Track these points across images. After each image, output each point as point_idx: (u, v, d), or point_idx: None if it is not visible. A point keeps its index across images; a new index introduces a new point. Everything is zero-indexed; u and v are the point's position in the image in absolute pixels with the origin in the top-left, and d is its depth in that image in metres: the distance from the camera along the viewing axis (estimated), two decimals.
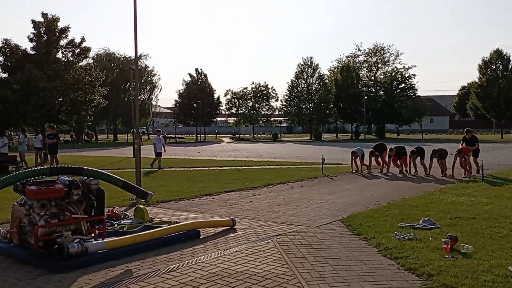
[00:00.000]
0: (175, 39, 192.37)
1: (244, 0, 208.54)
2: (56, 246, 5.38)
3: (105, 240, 5.72)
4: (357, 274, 4.81)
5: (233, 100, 70.85)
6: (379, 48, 65.26)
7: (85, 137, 57.48)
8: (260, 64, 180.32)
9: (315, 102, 64.35)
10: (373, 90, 64.32)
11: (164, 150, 18.95)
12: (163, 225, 6.72)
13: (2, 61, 21.20)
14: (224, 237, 6.58)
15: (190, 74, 66.27)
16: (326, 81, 66.15)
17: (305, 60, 65.81)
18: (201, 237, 6.53)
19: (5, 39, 20.92)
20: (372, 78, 65.36)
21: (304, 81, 65.67)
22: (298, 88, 65.94)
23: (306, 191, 11.28)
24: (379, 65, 66.03)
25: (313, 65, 65.66)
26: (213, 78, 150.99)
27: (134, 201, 9.68)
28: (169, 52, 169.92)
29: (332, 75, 67.78)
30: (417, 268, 4.91)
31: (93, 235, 6.00)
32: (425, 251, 5.55)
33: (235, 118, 73.67)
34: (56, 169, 6.48)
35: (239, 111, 70.85)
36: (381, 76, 65.49)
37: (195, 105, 62.58)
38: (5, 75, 21.61)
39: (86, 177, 6.33)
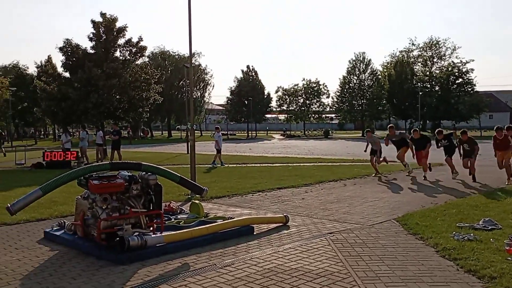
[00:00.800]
0: (228, 35, 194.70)
1: None
2: (117, 239, 5.62)
3: (163, 234, 5.90)
4: (414, 275, 4.68)
5: (284, 97, 70.79)
6: (434, 42, 62.77)
7: (141, 134, 59.47)
8: (309, 60, 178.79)
9: (368, 98, 63.01)
10: (428, 86, 62.06)
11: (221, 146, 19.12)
12: (217, 221, 6.85)
13: (64, 60, 22.29)
14: (278, 233, 6.60)
15: (242, 71, 66.94)
16: (379, 76, 64.54)
17: (357, 55, 64.61)
18: (254, 233, 6.58)
19: (67, 39, 22.05)
20: (427, 73, 63.03)
21: (356, 77, 64.47)
22: (350, 84, 64.84)
23: (359, 189, 11.09)
24: (435, 60, 63.54)
25: (365, 60, 64.34)
26: (263, 75, 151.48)
27: (189, 196, 9.92)
28: (221, 49, 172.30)
29: (385, 70, 66.03)
30: (478, 270, 4.71)
31: (151, 229, 6.22)
32: (486, 252, 5.31)
33: (286, 115, 73.58)
34: (117, 164, 6.77)
35: (290, 108, 70.68)
36: (437, 71, 63.00)
37: (246, 102, 63.12)
38: (67, 74, 22.69)
39: (144, 173, 6.57)
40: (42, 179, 12.52)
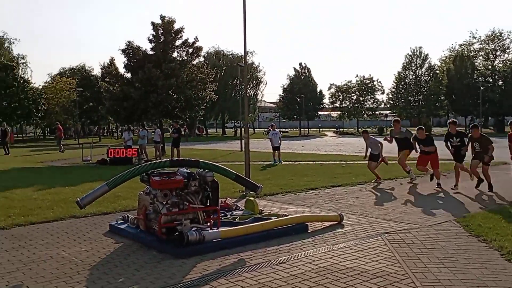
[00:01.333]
0: (280, 33, 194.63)
1: None
2: (177, 233, 5.85)
3: (219, 230, 6.07)
4: (477, 278, 4.52)
5: (336, 93, 69.86)
6: (497, 34, 59.38)
7: (197, 131, 60.89)
8: (363, 55, 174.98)
9: (425, 94, 60.85)
10: (491, 80, 58.80)
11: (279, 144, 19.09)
12: (272, 218, 6.93)
13: (126, 62, 23.26)
14: (332, 232, 6.58)
15: (294, 69, 66.78)
16: (437, 71, 62.09)
17: (414, 50, 62.56)
18: (308, 231, 6.60)
19: (128, 41, 22.96)
20: (489, 67, 59.73)
21: (412, 73, 62.44)
22: (406, 80, 62.88)
23: (416, 188, 10.79)
24: (497, 53, 60.11)
25: (422, 55, 62.13)
26: (315, 72, 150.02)
27: (244, 193, 10.08)
28: (274, 47, 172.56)
29: (443, 65, 63.40)
30: None
31: (208, 224, 6.40)
32: None
33: (339, 112, 72.58)
34: (176, 161, 7.01)
35: (343, 105, 69.64)
36: (500, 65, 59.58)
37: (298, 99, 62.90)
38: (129, 74, 23.68)
39: (202, 170, 6.77)
40: (106, 175, 13.23)
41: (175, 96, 22.99)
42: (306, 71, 66.85)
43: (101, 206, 8.26)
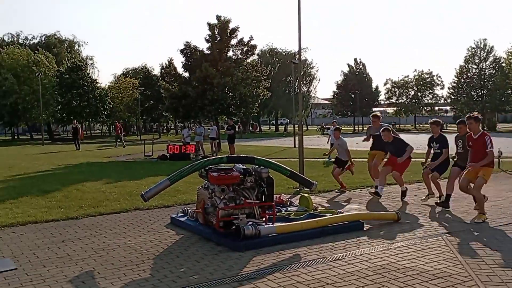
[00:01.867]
0: (333, 28, 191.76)
1: None
2: (234, 227, 6.02)
3: (275, 225, 6.18)
4: None
5: (393, 89, 67.97)
6: None
7: (250, 128, 61.55)
8: (421, 49, 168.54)
9: (489, 88, 57.71)
10: None
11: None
12: (326, 214, 6.94)
13: (184, 62, 24.03)
14: (389, 230, 6.49)
15: (348, 64, 65.73)
16: (503, 64, 58.74)
17: (477, 42, 59.44)
18: (364, 229, 6.56)
19: (187, 42, 23.75)
20: None
21: (475, 66, 59.43)
22: (468, 74, 59.96)
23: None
24: None
25: (487, 47, 58.95)
26: (371, 68, 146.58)
27: (298, 189, 10.13)
28: (327, 43, 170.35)
29: (510, 57, 59.86)
30: None
31: (264, 219, 6.53)
32: None
33: (395, 108, 70.58)
34: (233, 158, 7.21)
35: (399, 101, 67.62)
36: None
37: (353, 95, 61.84)
38: (186, 74, 24.42)
39: (257, 166, 6.91)
40: (166, 170, 13.77)
41: (230, 93, 23.42)
42: (361, 66, 65.53)
43: (162, 199, 8.63)
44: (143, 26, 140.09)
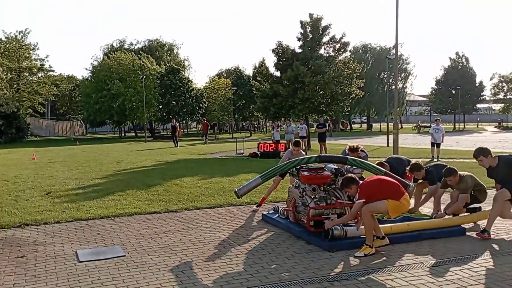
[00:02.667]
0: (433, 21, 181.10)
1: None
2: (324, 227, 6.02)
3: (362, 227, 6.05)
4: None
5: (500, 84, 62.42)
6: None
7: (341, 126, 60.54)
8: None
9: None
10: None
11: (442, 140, 17.64)
12: (424, 218, 6.66)
13: (276, 61, 24.34)
14: (495, 237, 6.04)
15: (450, 58, 61.64)
16: None
17: None
18: (466, 234, 6.18)
19: (278, 41, 24.02)
20: None
21: None
22: None
23: None
24: None
25: None
26: (475, 61, 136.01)
27: None
28: (425, 36, 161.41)
29: None
30: None
31: (355, 220, 6.43)
32: None
33: (502, 105, 64.76)
34: (324, 157, 7.19)
35: (508, 97, 61.93)
36: None
37: (454, 91, 57.91)
38: (278, 73, 24.73)
39: (349, 166, 6.83)
40: (258, 167, 14.10)
41: (321, 92, 23.25)
42: (463, 60, 61.07)
43: (254, 196, 8.85)
44: (237, 27, 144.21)
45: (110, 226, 6.97)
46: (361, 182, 5.88)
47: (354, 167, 6.83)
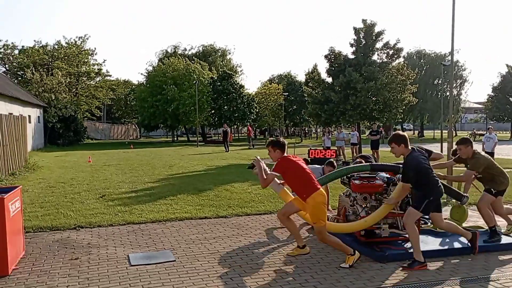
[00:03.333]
0: (489, 28, 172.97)
1: None
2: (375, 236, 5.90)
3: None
4: None
5: None
6: None
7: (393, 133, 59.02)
8: None
9: None
10: None
11: (493, 149, 17.01)
12: (478, 230, 6.38)
13: (328, 67, 24.21)
14: None
15: (507, 65, 58.55)
16: None
17: None
18: None
19: (331, 47, 23.89)
20: None
21: None
22: None
23: None
24: None
25: None
26: None
27: (445, 201, 9.47)
28: (482, 42, 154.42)
29: None
30: None
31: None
32: None
33: None
34: (376, 166, 7.05)
35: None
36: None
37: (511, 99, 54.99)
38: (330, 79, 24.56)
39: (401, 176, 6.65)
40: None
41: (373, 98, 22.85)
42: None
43: None
44: (288, 34, 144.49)
45: (161, 230, 7.16)
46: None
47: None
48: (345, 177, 6.69)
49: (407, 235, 5.94)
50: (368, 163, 6.99)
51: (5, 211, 5.14)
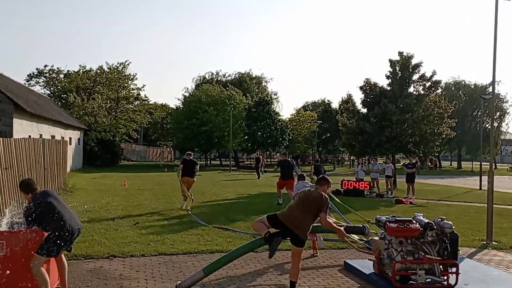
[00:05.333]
0: None
1: None
2: (410, 282, 5.71)
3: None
4: None
5: None
6: None
7: (429, 164, 57.63)
8: None
9: None
10: None
11: None
12: None
13: (363, 98, 24.09)
14: None
15: None
16: None
17: None
18: None
19: (366, 79, 23.84)
20: None
21: None
22: None
23: None
24: None
25: None
26: None
27: (485, 242, 9.11)
28: None
29: None
30: None
31: (445, 278, 6.04)
32: None
33: None
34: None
35: None
36: None
37: None
38: (365, 110, 24.40)
39: (440, 219, 6.46)
40: (340, 206, 13.73)
41: (409, 131, 22.46)
42: None
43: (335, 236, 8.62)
44: (324, 63, 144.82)
45: (192, 263, 7.14)
46: None
47: (444, 220, 6.44)
48: (379, 219, 6.57)
49: (444, 282, 5.75)
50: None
51: None
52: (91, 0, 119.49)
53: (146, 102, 53.30)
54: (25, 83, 41.63)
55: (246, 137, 47.24)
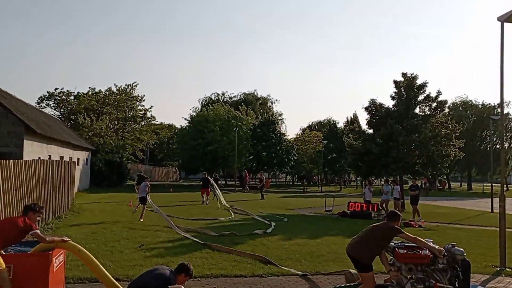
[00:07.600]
0: None
1: None
2: None
3: None
4: None
5: None
6: None
7: (438, 185, 57.04)
8: None
9: None
10: None
11: None
12: None
13: (369, 119, 23.97)
14: None
15: None
16: None
17: None
18: None
19: (372, 99, 23.73)
20: None
21: None
22: None
23: None
24: None
25: None
26: None
27: (499, 269, 8.86)
28: None
29: None
30: None
31: None
32: None
33: None
34: None
35: None
36: None
37: None
38: (371, 130, 24.27)
39: (451, 246, 6.29)
40: (346, 229, 13.60)
41: (416, 152, 22.27)
42: None
43: (344, 265, 8.43)
44: (328, 84, 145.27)
45: None
46: None
47: (456, 247, 6.25)
48: (390, 244, 6.39)
49: None
50: None
51: (50, 266, 5.50)
52: (101, 28, 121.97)
53: (152, 121, 53.63)
54: (35, 105, 42.19)
55: (251, 157, 47.16)
